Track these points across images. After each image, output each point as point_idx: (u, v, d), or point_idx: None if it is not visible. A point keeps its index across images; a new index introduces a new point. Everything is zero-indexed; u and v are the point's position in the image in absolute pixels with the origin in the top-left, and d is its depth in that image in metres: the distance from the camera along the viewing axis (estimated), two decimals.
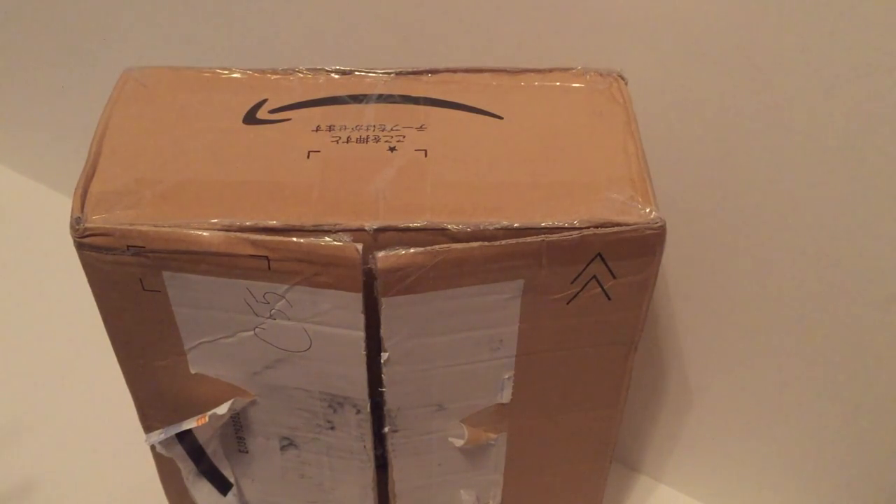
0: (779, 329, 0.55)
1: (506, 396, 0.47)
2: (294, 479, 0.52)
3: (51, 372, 0.76)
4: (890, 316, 0.50)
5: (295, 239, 0.39)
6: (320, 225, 0.40)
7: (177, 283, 0.41)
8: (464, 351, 0.44)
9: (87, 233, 0.40)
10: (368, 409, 0.46)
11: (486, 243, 0.39)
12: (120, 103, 0.46)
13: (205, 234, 0.40)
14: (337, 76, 0.47)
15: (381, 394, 0.45)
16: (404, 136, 0.44)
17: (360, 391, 0.45)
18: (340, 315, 0.41)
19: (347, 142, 0.44)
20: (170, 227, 0.40)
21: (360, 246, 0.39)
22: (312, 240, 0.39)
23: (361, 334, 0.42)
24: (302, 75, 0.47)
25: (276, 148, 0.43)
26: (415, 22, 0.57)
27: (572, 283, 0.42)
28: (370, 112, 0.45)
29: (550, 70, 0.47)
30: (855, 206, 0.48)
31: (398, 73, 0.48)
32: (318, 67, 0.48)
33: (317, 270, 0.40)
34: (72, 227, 0.40)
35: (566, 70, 0.47)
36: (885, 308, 0.50)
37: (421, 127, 0.44)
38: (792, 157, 0.48)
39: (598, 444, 0.52)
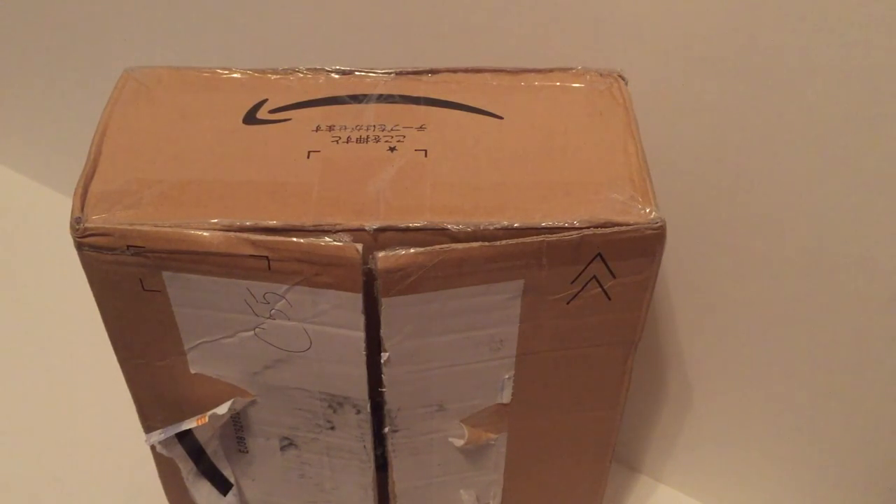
0: (779, 329, 0.55)
1: (506, 396, 0.47)
2: (294, 479, 0.52)
3: (51, 372, 0.76)
4: (890, 316, 0.50)
5: (295, 239, 0.39)
6: (320, 225, 0.40)
7: (177, 283, 0.41)
8: (464, 351, 0.44)
9: (87, 233, 0.40)
10: (368, 409, 0.46)
11: (487, 243, 0.39)
12: (120, 103, 0.46)
13: (205, 234, 0.40)
14: (337, 76, 0.47)
15: (381, 394, 0.45)
16: (404, 136, 0.44)
17: (360, 391, 0.45)
18: (340, 315, 0.41)
19: (347, 142, 0.44)
20: (170, 227, 0.40)
21: (360, 246, 0.39)
22: (312, 240, 0.39)
23: (361, 334, 0.42)
24: (302, 75, 0.47)
25: (276, 148, 0.43)
26: (415, 22, 0.57)
27: (572, 283, 0.42)
28: (370, 112, 0.45)
29: (550, 70, 0.47)
30: (855, 206, 0.48)
31: (398, 73, 0.48)
32: (318, 67, 0.48)
33: (317, 270, 0.40)
34: (72, 227, 0.40)
35: (566, 70, 0.47)
36: (885, 308, 0.50)
37: (421, 127, 0.44)
38: (792, 157, 0.48)
39: (598, 444, 0.52)
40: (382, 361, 0.43)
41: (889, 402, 0.53)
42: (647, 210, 0.40)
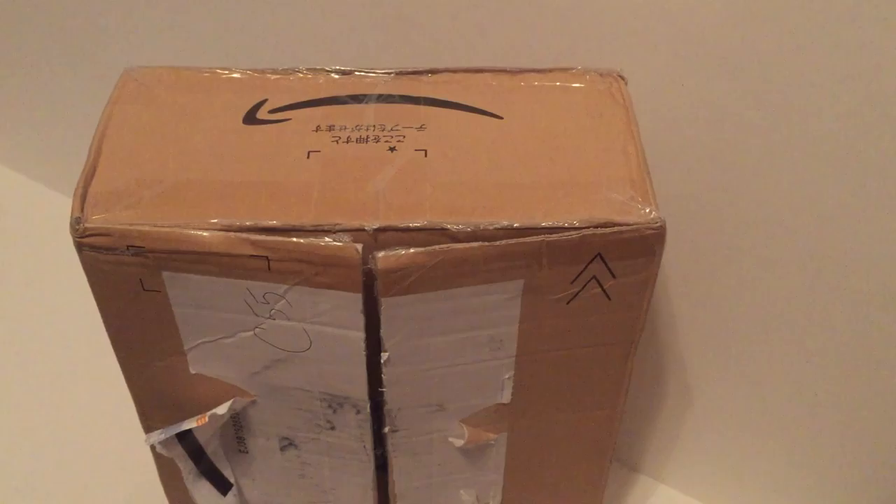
0: (779, 329, 0.55)
1: (506, 396, 0.47)
2: (294, 480, 0.52)
3: (51, 372, 0.76)
4: (890, 316, 0.50)
5: (295, 239, 0.39)
6: (320, 225, 0.40)
7: (177, 283, 0.41)
8: (464, 351, 0.44)
9: (87, 233, 0.40)
10: (368, 409, 0.46)
11: (486, 243, 0.39)
12: (120, 103, 0.46)
13: (205, 234, 0.40)
14: (337, 76, 0.47)
15: (381, 394, 0.45)
16: (404, 136, 0.44)
17: (360, 391, 0.45)
18: (340, 315, 0.41)
19: (347, 142, 0.44)
20: (170, 227, 0.40)
21: (360, 246, 0.39)
22: (312, 240, 0.39)
23: (361, 334, 0.42)
24: (302, 75, 0.47)
25: (276, 148, 0.43)
26: (415, 22, 0.57)
27: (572, 283, 0.42)
28: (370, 112, 0.45)
29: (550, 70, 0.47)
30: (855, 205, 0.48)
31: (398, 73, 0.48)
32: (318, 67, 0.48)
33: (317, 270, 0.40)
34: (72, 227, 0.40)
35: (566, 70, 0.47)
36: (885, 308, 0.50)
37: (421, 127, 0.44)
38: (792, 157, 0.48)
39: (598, 444, 0.52)
40: (382, 361, 0.43)
41: (889, 402, 0.53)
42: (647, 210, 0.40)
